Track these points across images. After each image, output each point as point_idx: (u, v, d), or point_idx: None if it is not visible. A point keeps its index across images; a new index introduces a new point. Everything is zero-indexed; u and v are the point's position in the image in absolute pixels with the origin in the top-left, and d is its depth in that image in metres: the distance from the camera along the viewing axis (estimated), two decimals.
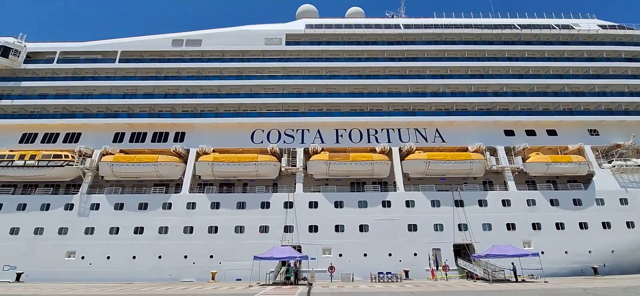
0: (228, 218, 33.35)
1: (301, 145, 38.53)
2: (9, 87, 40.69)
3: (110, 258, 31.95)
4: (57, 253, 32.26)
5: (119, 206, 33.98)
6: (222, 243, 32.36)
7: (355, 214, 33.57)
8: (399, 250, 32.01)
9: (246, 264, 28.49)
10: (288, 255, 27.21)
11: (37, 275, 31.22)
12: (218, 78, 41.94)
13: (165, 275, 31.23)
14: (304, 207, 33.89)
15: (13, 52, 41.02)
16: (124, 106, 39.95)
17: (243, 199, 34.44)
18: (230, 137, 38.77)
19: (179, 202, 34.24)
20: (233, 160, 35.77)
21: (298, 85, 41.58)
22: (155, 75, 41.99)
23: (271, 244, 30.38)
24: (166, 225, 33.12)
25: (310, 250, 31.01)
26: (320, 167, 35.97)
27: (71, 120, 38.73)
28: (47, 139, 38.26)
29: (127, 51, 43.03)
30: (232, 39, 44.26)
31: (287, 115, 39.72)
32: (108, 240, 32.64)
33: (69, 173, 35.68)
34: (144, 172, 35.66)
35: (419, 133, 39.72)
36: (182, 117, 39.63)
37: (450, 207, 34.07)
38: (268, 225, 33.07)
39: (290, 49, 44.09)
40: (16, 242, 32.69)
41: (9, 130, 38.40)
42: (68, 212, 33.74)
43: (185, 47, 43.74)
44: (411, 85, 42.03)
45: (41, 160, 35.30)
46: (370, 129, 39.84)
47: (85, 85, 40.86)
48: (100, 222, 33.30)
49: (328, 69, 42.94)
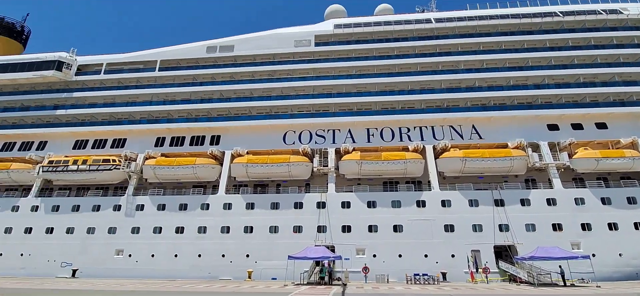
0: (263, 218, 34.15)
1: (332, 145, 38.61)
2: (63, 98, 44.38)
3: (155, 256, 33.82)
4: (107, 251, 34.65)
5: (161, 207, 35.91)
6: (257, 243, 33.20)
7: (389, 214, 33.08)
8: (435, 251, 31.15)
9: (281, 263, 29.10)
10: (322, 255, 27.34)
11: (90, 271, 33.74)
12: (250, 82, 43.09)
13: (205, 272, 32.54)
14: (336, 207, 33.93)
15: (66, 66, 44.71)
16: (164, 112, 42.14)
17: (277, 199, 35.10)
18: (263, 138, 39.68)
19: (216, 202, 35.54)
20: (266, 161, 36.55)
21: (328, 86, 41.73)
22: (192, 81, 43.92)
23: (305, 244, 30.69)
24: (205, 225, 34.53)
25: (344, 250, 30.98)
26: (352, 166, 35.84)
27: (117, 126, 41.54)
28: (96, 145, 41.35)
29: (165, 60, 45.38)
30: (263, 43, 45.25)
31: (317, 116, 40.01)
32: (152, 239, 34.56)
33: (116, 176, 38.22)
34: (183, 174, 37.39)
35: (454, 130, 38.44)
36: (217, 120, 41.11)
37: (489, 207, 32.62)
38: (301, 225, 33.45)
39: (319, 50, 44.35)
40: (72, 241, 35.51)
41: (64, 137, 41.96)
42: (116, 212, 36.15)
43: (219, 53, 45.29)
44: (444, 80, 40.78)
45: (92, 164, 38.11)
46: (403, 127, 39.11)
47: (129, 93, 43.57)
48: (145, 221, 35.35)
49: (358, 68, 42.72)
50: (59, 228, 36.02)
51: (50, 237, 35.82)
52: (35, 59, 45.84)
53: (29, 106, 44.45)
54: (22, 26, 62.29)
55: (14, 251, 35.58)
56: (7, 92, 46.02)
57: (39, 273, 34.10)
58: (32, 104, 44.59)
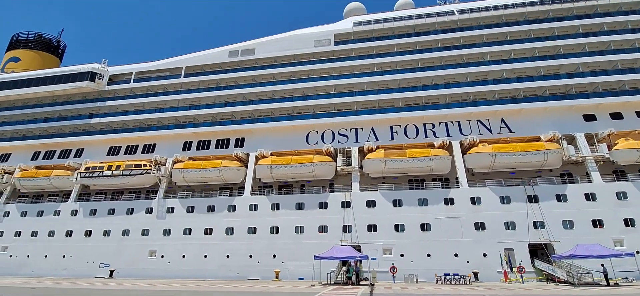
0: (288, 218, 34.42)
1: (355, 144, 38.35)
2: (96, 107, 46.70)
3: (185, 256, 34.89)
4: (141, 252, 36.08)
5: (190, 209, 36.99)
6: (283, 243, 33.49)
7: (416, 213, 32.40)
8: (465, 250, 30.19)
9: (307, 263, 29.23)
10: (348, 255, 27.19)
11: (125, 271, 35.27)
12: (272, 83, 43.54)
13: (233, 272, 33.22)
14: (361, 206, 33.64)
15: (98, 76, 47.05)
16: (190, 117, 43.41)
17: (301, 200, 35.26)
18: (286, 139, 40.00)
19: (242, 204, 36.18)
20: (290, 162, 36.80)
21: (349, 84, 41.50)
22: (216, 86, 44.96)
23: (330, 244, 30.63)
24: (232, 226, 35.24)
25: (370, 249, 30.68)
26: (375, 165, 35.43)
27: (147, 132, 43.24)
28: (129, 151, 43.20)
29: (190, 66, 46.70)
30: (283, 44, 45.59)
31: (339, 115, 39.87)
32: (183, 240, 35.68)
33: (147, 180, 39.75)
34: (210, 177, 38.32)
35: (482, 125, 37.14)
36: (241, 123, 41.88)
37: (522, 203, 31.25)
38: (327, 225, 33.42)
39: (339, 49, 44.17)
40: (108, 243, 37.30)
41: (99, 144, 44.16)
42: (148, 215, 37.59)
43: (241, 57, 46.10)
44: (470, 73, 39.48)
45: (125, 169, 39.85)
46: (427, 124, 38.25)
47: (157, 100, 45.21)
48: (176, 223, 36.54)
49: (379, 65, 42.20)
50: (96, 231, 37.92)
51: (88, 240, 37.79)
52: (71, 71, 48.56)
53: (66, 116, 47.13)
54: (58, 41, 66.32)
55: (57, 253, 37.81)
56: (47, 103, 48.99)
57: (79, 274, 36.07)
58: (69, 114, 47.26)
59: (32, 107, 48.88)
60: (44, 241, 38.77)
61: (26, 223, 40.03)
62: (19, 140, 46.53)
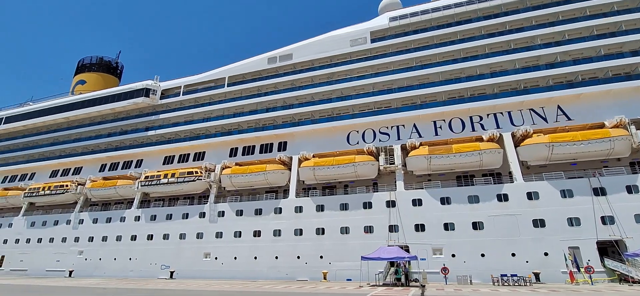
0: (333, 219, 34.68)
1: (397, 141, 37.64)
2: (151, 120, 50.55)
3: (237, 258, 36.57)
4: (197, 255, 38.44)
5: (239, 212, 38.71)
6: (329, 244, 33.82)
7: (466, 210, 31.02)
8: (524, 249, 28.32)
9: (354, 264, 29.22)
10: (396, 256, 26.71)
11: (183, 272, 37.80)
12: (310, 86, 44.10)
13: (282, 273, 34.19)
14: (407, 205, 32.93)
15: (152, 92, 50.93)
16: (234, 124, 45.40)
17: (345, 200, 35.34)
18: (327, 141, 40.34)
19: (288, 206, 37.10)
20: (332, 163, 37.05)
21: (388, 81, 40.83)
22: (257, 92, 46.55)
23: (377, 244, 30.36)
24: (279, 228, 36.29)
25: (419, 250, 29.92)
26: (420, 162, 34.48)
27: (197, 141, 45.97)
28: (181, 159, 46.29)
29: (232, 76, 48.83)
30: (319, 47, 45.98)
31: (380, 113, 39.38)
32: (234, 242, 37.43)
33: (199, 187, 42.23)
34: (255, 181, 39.79)
35: (536, 114, 34.64)
36: (283, 127, 42.93)
37: (587, 197, 28.60)
38: (372, 225, 33.17)
39: (376, 46, 43.60)
40: (167, 245, 40.19)
41: (155, 154, 47.81)
42: (202, 219, 39.94)
43: (279, 63, 47.24)
44: (519, 59, 36.94)
45: (179, 177, 42.68)
46: (474, 116, 36.46)
47: (204, 110, 47.87)
48: (227, 226, 38.43)
49: (418, 59, 40.98)
50: (157, 235, 41.07)
51: (150, 243, 41.03)
52: (128, 89, 53.08)
53: (126, 130, 51.59)
54: (116, 62, 73.11)
55: (125, 256, 41.55)
56: (109, 119, 53.99)
57: (144, 275, 39.33)
58: (128, 128, 51.69)
59: (98, 124, 54.18)
60: (113, 245, 42.78)
61: (97, 229, 44.47)
62: (88, 154, 51.87)
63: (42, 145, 56.53)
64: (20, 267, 46.66)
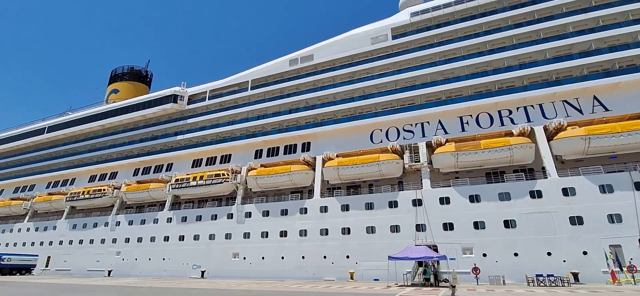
0: (358, 219, 34.62)
1: (422, 139, 37.01)
2: (180, 125, 52.44)
3: (265, 258, 37.30)
4: (226, 255, 39.53)
5: (265, 213, 39.45)
6: (355, 244, 33.79)
7: (496, 208, 30.03)
8: (560, 247, 27.09)
9: (381, 264, 29.04)
10: (424, 255, 26.28)
11: (214, 272, 38.99)
12: (331, 86, 44.17)
13: (309, 273, 34.53)
14: (434, 204, 32.33)
15: (180, 98, 52.83)
16: (259, 126, 46.26)
17: (370, 200, 35.17)
18: (350, 140, 40.28)
19: (313, 206, 37.41)
20: (356, 162, 36.96)
21: (411, 78, 40.19)
22: (279, 94, 47.16)
23: (404, 243, 30.05)
24: (305, 228, 36.66)
25: (448, 249, 29.28)
26: (446, 159, 33.75)
27: (223, 144, 47.22)
28: (209, 162, 47.73)
29: (255, 79, 49.75)
30: (340, 46, 45.93)
31: (403, 111, 38.85)
32: (261, 242, 38.20)
33: (226, 188, 43.41)
34: (280, 182, 40.36)
35: (569, 105, 33.02)
36: (306, 128, 43.27)
37: (628, 192, 26.89)
38: (398, 225, 32.82)
39: (397, 43, 43.00)
40: (198, 246, 41.59)
41: (184, 158, 49.60)
42: (229, 220, 41.02)
43: (300, 64, 47.61)
44: (549, 49, 35.31)
45: (207, 179, 44.04)
46: (502, 110, 35.22)
47: (229, 114, 49.11)
48: (254, 227, 39.27)
49: (442, 54, 40.05)
50: (188, 236, 42.60)
51: (182, 244, 42.62)
52: (157, 96, 55.32)
53: (156, 135, 53.81)
54: (146, 71, 76.59)
55: (158, 256, 43.40)
56: (141, 126, 56.49)
57: (176, 274, 40.91)
58: (158, 133, 53.87)
59: (130, 130, 56.86)
60: (147, 245, 44.80)
61: (133, 231, 46.71)
62: (122, 160, 54.58)
63: (81, 152, 60.10)
64: (64, 267, 49.84)
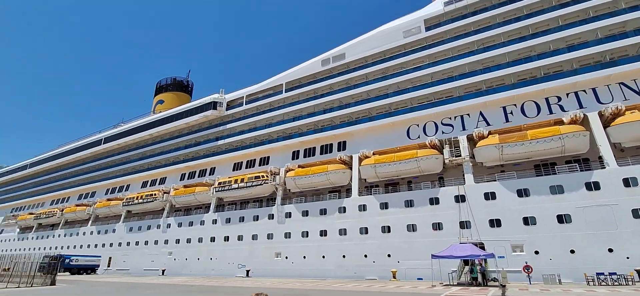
0: (398, 216, 34.19)
1: (463, 132, 35.66)
2: (220, 131, 54.89)
3: (306, 257, 38.07)
4: (268, 254, 40.84)
5: (305, 213, 40.22)
6: (396, 242, 33.43)
7: (548, 202, 28.19)
8: (623, 243, 24.86)
9: (424, 262, 28.55)
10: (469, 253, 25.45)
11: (258, 271, 40.45)
12: (365, 84, 43.85)
13: (351, 272, 34.71)
14: (478, 200, 31.07)
15: (219, 105, 55.29)
16: (295, 128, 47.14)
17: (410, 197, 34.58)
18: (386, 137, 39.78)
19: (351, 205, 37.51)
20: (393, 159, 36.48)
21: (447, 69, 38.79)
22: (313, 95, 47.68)
23: (447, 241, 29.23)
24: (344, 227, 36.90)
25: (495, 247, 28.01)
26: (490, 152, 32.25)
27: (261, 147, 48.75)
28: (248, 165, 49.53)
29: (289, 82, 50.70)
30: (372, 43, 45.41)
31: (441, 104, 37.66)
32: (302, 242, 39.02)
33: (266, 190, 44.80)
34: (318, 181, 40.87)
35: (627, 88, 30.19)
36: (341, 127, 43.37)
37: None
38: (441, 222, 31.97)
39: (431, 34, 41.64)
40: (242, 246, 43.37)
41: (225, 162, 51.87)
42: (271, 220, 42.33)
43: (333, 64, 47.74)
44: (601, 28, 32.33)
45: (247, 181, 45.74)
46: (550, 97, 32.96)
47: (265, 117, 50.52)
48: (294, 227, 40.20)
49: (480, 42, 38.20)
50: (232, 236, 44.58)
51: (227, 244, 44.69)
52: (198, 104, 58.30)
53: (199, 141, 56.77)
54: (187, 81, 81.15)
55: (206, 256, 45.86)
56: (185, 133, 59.86)
57: (223, 273, 42.91)
58: (201, 140, 56.78)
59: (176, 138, 60.49)
60: (196, 246, 47.50)
61: (182, 232, 49.74)
62: (170, 166, 58.27)
63: (134, 160, 65.04)
64: (123, 267, 54.29)
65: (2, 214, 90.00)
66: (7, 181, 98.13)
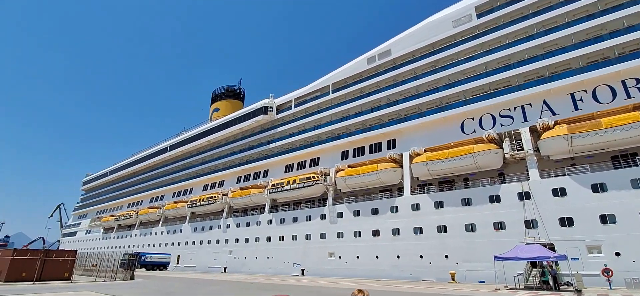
0: (455, 216, 32.90)
1: (524, 123, 33.18)
2: (271, 134, 57.24)
3: (359, 257, 38.27)
4: (322, 254, 41.75)
5: (356, 213, 40.43)
6: (454, 242, 32.21)
7: (630, 198, 25.17)
8: None
9: (485, 264, 27.24)
10: (538, 255, 23.64)
11: (312, 270, 41.55)
12: (413, 79, 42.67)
13: (406, 273, 34.17)
14: (545, 196, 28.73)
15: (269, 109, 57.73)
16: (343, 128, 47.49)
17: (467, 195, 33.06)
18: (438, 133, 38.44)
19: (404, 204, 36.88)
20: (447, 156, 35.16)
21: (504, 57, 36.28)
22: (360, 94, 47.56)
23: (510, 242, 27.41)
24: (397, 227, 36.43)
25: (568, 248, 25.62)
26: (557, 144, 29.59)
27: (310, 148, 49.89)
28: (299, 166, 50.99)
29: (335, 82, 51.17)
30: (418, 36, 44.05)
31: (498, 94, 35.38)
32: (354, 242, 39.30)
33: (317, 190, 45.80)
34: (369, 181, 40.77)
35: None
36: (389, 125, 42.71)
37: None
38: (503, 221, 30.13)
39: (483, 21, 39.20)
40: (296, 246, 44.86)
41: (277, 164, 53.97)
42: (323, 220, 43.21)
43: (378, 61, 47.17)
44: None
45: (299, 183, 47.15)
46: (627, 80, 29.32)
47: (314, 119, 51.56)
48: (346, 227, 40.62)
49: (540, 24, 35.09)
50: (286, 236, 46.33)
51: (282, 244, 46.54)
52: (250, 110, 61.38)
53: (253, 145, 59.73)
54: (239, 88, 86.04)
55: (263, 255, 48.21)
56: (239, 138, 63.39)
57: (279, 272, 44.77)
58: (254, 144, 59.71)
59: (231, 143, 64.37)
60: (253, 246, 50.16)
61: (240, 232, 52.82)
62: (227, 169, 62.17)
63: (195, 165, 70.51)
64: (190, 264, 59.15)
65: (90, 217, 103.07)
66: (92, 187, 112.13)
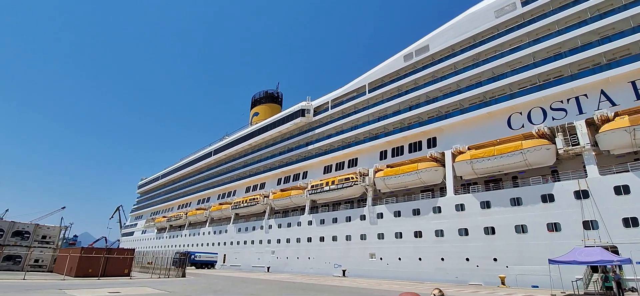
0: (503, 216, 31.30)
1: (579, 116, 30.75)
2: (309, 136, 58.22)
3: (401, 259, 37.76)
4: (363, 255, 41.71)
5: (397, 213, 39.89)
6: (502, 245, 30.68)
7: None
8: None
9: (539, 268, 25.71)
10: (599, 259, 21.79)
11: (353, 271, 41.66)
12: (453, 74, 41.17)
13: (451, 276, 33.05)
14: (607, 195, 26.42)
15: (307, 111, 58.81)
16: (380, 128, 47.04)
17: (517, 194, 31.29)
18: (481, 129, 36.82)
19: (447, 204, 35.76)
20: (493, 153, 33.54)
21: (554, 45, 33.84)
22: (397, 93, 46.80)
23: (567, 245, 25.61)
24: (440, 228, 35.41)
25: (634, 251, 23.40)
26: (619, 138, 27.06)
27: (348, 149, 50.01)
28: (338, 167, 51.35)
29: (371, 82, 50.79)
30: (458, 29, 42.40)
31: (548, 86, 33.10)
32: (395, 243, 38.82)
33: (356, 191, 45.82)
34: (409, 181, 39.99)
35: None
36: (429, 123, 41.61)
37: None
38: (557, 222, 28.16)
39: (529, 9, 36.85)
40: (336, 246, 45.24)
41: (316, 166, 54.80)
42: (363, 221, 43.16)
43: (415, 58, 46.05)
44: None
45: (338, 184, 47.49)
46: None
47: (351, 119, 51.53)
48: (387, 227, 40.24)
49: (595, 8, 32.27)
50: (327, 237, 46.89)
51: (322, 244, 47.18)
52: (288, 113, 62.91)
53: (292, 148, 61.18)
54: (277, 92, 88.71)
55: (304, 255, 49.20)
56: (278, 141, 65.24)
57: (321, 272, 45.35)
58: (293, 146, 61.13)
59: (271, 146, 66.46)
60: (294, 246, 51.35)
61: (282, 233, 54.32)
62: (268, 172, 64.25)
63: (238, 168, 73.65)
64: (235, 263, 61.93)
65: (145, 217, 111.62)
66: (146, 190, 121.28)
